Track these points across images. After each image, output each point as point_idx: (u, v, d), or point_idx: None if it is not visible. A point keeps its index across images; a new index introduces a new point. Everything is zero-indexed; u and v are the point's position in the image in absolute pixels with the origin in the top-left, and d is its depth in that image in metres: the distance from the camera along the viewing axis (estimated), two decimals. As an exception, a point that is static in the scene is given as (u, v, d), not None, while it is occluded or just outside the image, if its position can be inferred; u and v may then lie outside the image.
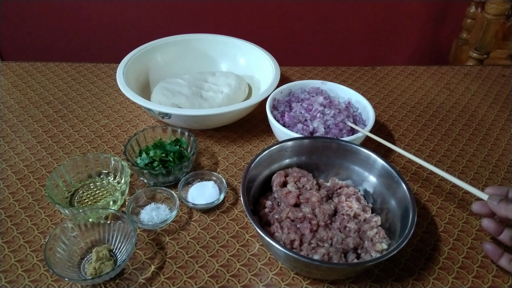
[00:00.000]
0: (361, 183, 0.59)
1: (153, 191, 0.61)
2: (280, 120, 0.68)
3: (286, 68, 0.95)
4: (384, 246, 0.50)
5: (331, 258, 0.48)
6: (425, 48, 1.74)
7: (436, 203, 0.62)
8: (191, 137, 0.66)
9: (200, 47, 0.88)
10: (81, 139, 0.72)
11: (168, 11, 1.53)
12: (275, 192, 0.57)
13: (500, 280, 0.52)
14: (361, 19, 1.60)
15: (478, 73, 0.97)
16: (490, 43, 1.42)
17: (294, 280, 0.51)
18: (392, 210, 0.53)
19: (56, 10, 1.51)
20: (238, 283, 0.50)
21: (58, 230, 0.50)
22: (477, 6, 1.48)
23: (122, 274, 0.51)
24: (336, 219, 0.54)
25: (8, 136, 0.72)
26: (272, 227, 0.52)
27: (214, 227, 0.57)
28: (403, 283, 0.51)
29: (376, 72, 0.96)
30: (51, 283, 0.49)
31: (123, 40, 1.57)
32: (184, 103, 0.71)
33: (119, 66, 0.75)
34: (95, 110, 0.80)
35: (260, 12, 1.55)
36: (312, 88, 0.75)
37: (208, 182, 0.62)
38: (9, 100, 0.81)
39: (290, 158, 0.60)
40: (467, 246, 0.56)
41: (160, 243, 0.55)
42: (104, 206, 0.57)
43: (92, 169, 0.63)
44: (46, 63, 0.93)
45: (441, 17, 1.64)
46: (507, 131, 0.78)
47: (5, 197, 0.60)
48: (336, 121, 0.66)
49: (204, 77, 0.80)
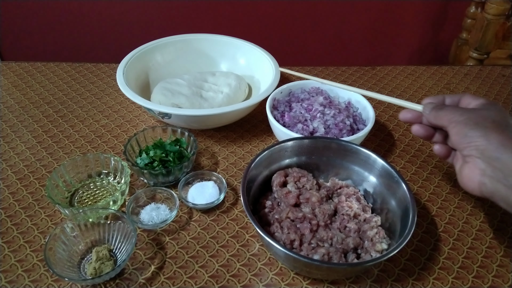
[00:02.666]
0: (361, 183, 0.59)
1: (153, 191, 0.61)
2: (280, 120, 0.68)
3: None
4: (384, 246, 0.50)
5: (331, 258, 0.48)
6: (425, 48, 1.74)
7: (436, 203, 0.62)
8: (191, 137, 0.66)
9: (200, 47, 0.88)
10: (81, 139, 0.72)
11: (168, 11, 1.53)
12: (275, 192, 0.57)
13: (500, 280, 0.52)
14: (361, 19, 1.60)
15: (478, 73, 0.97)
16: (490, 43, 1.42)
17: (294, 280, 0.51)
18: (392, 210, 0.53)
19: (56, 10, 1.51)
20: (238, 283, 0.50)
21: (58, 230, 0.50)
22: (477, 6, 1.48)
23: (122, 274, 0.51)
24: (336, 219, 0.54)
25: (8, 136, 0.72)
26: (272, 227, 0.52)
27: (214, 227, 0.57)
28: (403, 283, 0.51)
29: (376, 72, 0.96)
30: (51, 283, 0.49)
31: (123, 40, 1.57)
32: (184, 103, 0.71)
33: (119, 66, 0.75)
34: (95, 110, 0.80)
35: (260, 12, 1.55)
36: (312, 88, 0.75)
37: (208, 182, 0.62)
38: (9, 100, 0.81)
39: (290, 158, 0.60)
40: (467, 246, 0.56)
41: (160, 243, 0.55)
42: (104, 206, 0.57)
43: (92, 169, 0.63)
44: (46, 63, 0.93)
45: (441, 17, 1.64)
46: (507, 131, 0.78)
47: (5, 197, 0.60)
48: (336, 121, 0.66)
49: (204, 77, 0.80)
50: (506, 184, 0.40)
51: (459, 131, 0.44)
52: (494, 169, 0.41)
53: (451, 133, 0.45)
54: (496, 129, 0.41)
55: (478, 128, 0.42)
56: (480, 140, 0.41)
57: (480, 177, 0.42)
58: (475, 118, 0.43)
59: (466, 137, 0.43)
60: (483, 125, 0.42)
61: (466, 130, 0.43)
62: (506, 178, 0.40)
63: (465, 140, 0.43)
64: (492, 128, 0.42)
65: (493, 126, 0.42)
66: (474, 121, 0.43)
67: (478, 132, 0.42)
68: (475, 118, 0.43)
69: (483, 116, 0.43)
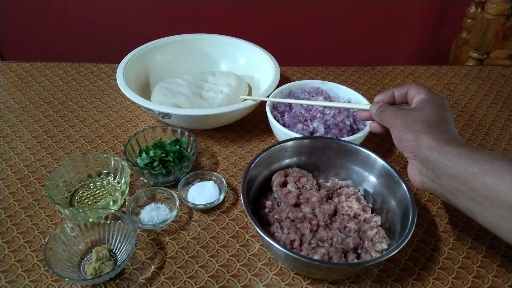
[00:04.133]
0: (361, 183, 0.59)
1: (153, 191, 0.61)
2: (280, 120, 0.68)
3: (286, 68, 0.95)
4: (384, 246, 0.50)
5: (331, 258, 0.48)
6: (425, 48, 1.74)
7: (436, 203, 0.62)
8: (191, 137, 0.66)
9: (200, 47, 0.88)
10: (81, 139, 0.72)
11: (168, 11, 1.53)
12: (275, 192, 0.57)
13: (500, 280, 0.52)
14: (361, 19, 1.60)
15: (478, 73, 0.97)
16: (490, 43, 1.42)
17: (294, 280, 0.51)
18: (392, 210, 0.53)
19: (56, 10, 1.51)
20: (238, 283, 0.50)
21: (58, 230, 0.50)
22: (477, 6, 1.48)
23: (122, 274, 0.51)
24: (336, 219, 0.54)
25: (8, 136, 0.72)
26: (272, 227, 0.52)
27: (214, 227, 0.57)
28: (403, 283, 0.51)
29: (376, 72, 0.96)
30: (51, 283, 0.49)
31: (123, 40, 1.57)
32: (184, 103, 0.71)
33: (119, 66, 0.75)
34: (95, 110, 0.80)
35: (260, 12, 1.55)
36: (312, 88, 0.75)
37: (208, 182, 0.62)
38: (9, 100, 0.81)
39: (290, 158, 0.60)
40: (467, 246, 0.56)
41: (160, 243, 0.55)
42: (104, 206, 0.57)
43: (92, 169, 0.63)
44: (46, 63, 0.93)
45: (441, 17, 1.64)
46: (507, 131, 0.78)
47: (5, 197, 0.60)
48: (336, 121, 0.66)
49: (204, 77, 0.80)
50: (439, 183, 0.42)
51: (396, 136, 0.46)
52: (427, 169, 0.43)
53: (392, 136, 0.48)
54: (425, 131, 0.43)
55: (411, 132, 0.44)
56: (412, 144, 0.44)
57: (419, 176, 0.45)
58: (408, 121, 0.46)
59: (402, 141, 0.45)
60: (415, 129, 0.44)
61: (401, 134, 0.45)
62: (438, 177, 0.42)
63: (402, 144, 0.45)
64: (422, 130, 0.44)
65: (423, 129, 0.44)
66: (407, 124, 0.45)
67: (410, 136, 0.44)
68: (408, 121, 0.46)
69: (415, 119, 0.45)
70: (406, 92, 0.52)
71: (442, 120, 0.45)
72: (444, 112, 0.46)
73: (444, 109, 0.47)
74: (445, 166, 0.40)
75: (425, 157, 0.42)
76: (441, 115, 0.45)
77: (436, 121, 0.44)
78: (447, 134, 0.43)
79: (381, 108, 0.51)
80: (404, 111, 0.47)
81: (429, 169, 0.43)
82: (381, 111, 0.50)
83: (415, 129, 0.44)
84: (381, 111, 0.50)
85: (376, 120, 0.52)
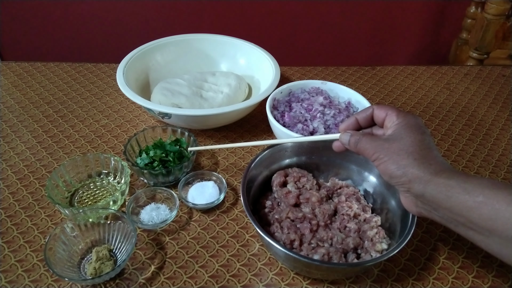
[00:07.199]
0: (361, 183, 0.59)
1: (153, 191, 0.61)
2: (280, 120, 0.68)
3: (286, 68, 0.95)
4: (384, 246, 0.50)
5: (331, 258, 0.48)
6: (425, 48, 1.74)
7: (436, 203, 0.62)
8: (191, 137, 0.66)
9: (200, 47, 0.88)
10: (81, 139, 0.72)
11: (168, 11, 1.53)
12: (275, 192, 0.57)
13: (500, 280, 0.52)
14: (361, 19, 1.60)
15: (478, 73, 0.97)
16: (490, 43, 1.42)
17: (294, 280, 0.51)
18: (392, 210, 0.53)
19: (56, 10, 1.51)
20: (238, 283, 0.50)
21: (58, 230, 0.50)
22: (477, 6, 1.48)
23: (122, 274, 0.51)
24: (336, 219, 0.54)
25: (8, 136, 0.72)
26: (272, 227, 0.52)
27: (214, 227, 0.57)
28: (403, 283, 0.51)
29: (376, 72, 0.96)
30: (51, 283, 0.49)
31: (123, 40, 1.57)
32: (184, 103, 0.71)
33: (119, 66, 0.75)
34: (95, 110, 0.80)
35: (260, 12, 1.55)
36: (312, 88, 0.75)
37: (208, 182, 0.62)
38: (9, 100, 0.81)
39: (290, 158, 0.60)
40: (467, 246, 0.56)
41: (160, 243, 0.55)
42: (104, 206, 0.57)
43: (92, 169, 0.63)
44: (46, 63, 0.93)
45: (441, 17, 1.64)
46: (507, 131, 0.78)
47: (5, 197, 0.60)
48: (336, 121, 0.66)
49: (204, 77, 0.80)
50: (437, 214, 0.41)
51: (384, 172, 0.44)
52: (423, 203, 0.42)
53: (379, 170, 0.45)
54: (412, 165, 0.42)
55: (398, 168, 0.42)
56: (403, 180, 0.42)
57: (415, 208, 0.44)
58: (391, 155, 0.43)
59: (392, 178, 0.44)
60: (401, 164, 0.42)
61: (389, 171, 0.43)
62: (435, 210, 0.41)
63: (393, 180, 0.44)
64: (409, 165, 0.42)
65: (409, 163, 0.42)
66: (392, 160, 0.43)
67: (399, 172, 0.42)
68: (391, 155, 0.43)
69: (397, 152, 0.43)
70: (371, 115, 0.49)
71: (424, 147, 0.43)
72: (424, 138, 0.44)
73: (421, 132, 0.44)
74: (440, 200, 0.40)
75: (419, 193, 0.41)
76: (422, 142, 0.43)
77: (419, 151, 0.43)
78: (434, 164, 0.42)
79: (354, 137, 0.47)
80: (382, 142, 0.45)
81: (424, 203, 0.42)
82: (356, 141, 0.47)
83: (402, 164, 0.42)
84: (356, 141, 0.47)
85: (351, 150, 0.48)
